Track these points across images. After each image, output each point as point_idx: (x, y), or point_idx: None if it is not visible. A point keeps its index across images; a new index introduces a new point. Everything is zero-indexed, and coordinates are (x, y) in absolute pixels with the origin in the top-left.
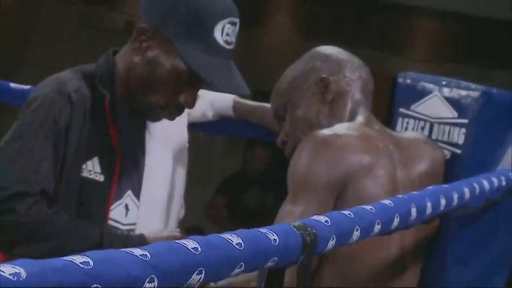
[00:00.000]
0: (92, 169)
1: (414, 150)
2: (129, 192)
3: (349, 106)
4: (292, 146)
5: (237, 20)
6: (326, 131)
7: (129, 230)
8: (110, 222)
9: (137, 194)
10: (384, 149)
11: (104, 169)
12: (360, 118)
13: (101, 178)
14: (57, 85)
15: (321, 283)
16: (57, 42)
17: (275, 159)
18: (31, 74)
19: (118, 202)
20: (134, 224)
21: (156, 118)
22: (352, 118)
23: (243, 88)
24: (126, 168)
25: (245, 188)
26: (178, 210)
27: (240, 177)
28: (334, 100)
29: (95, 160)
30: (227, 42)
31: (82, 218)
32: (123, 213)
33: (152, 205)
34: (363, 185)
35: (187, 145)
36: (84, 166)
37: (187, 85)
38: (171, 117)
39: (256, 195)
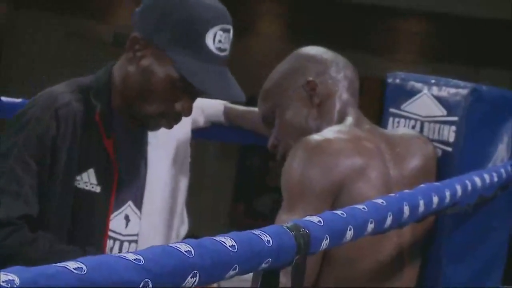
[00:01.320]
0: (88, 180)
1: (406, 147)
2: (130, 202)
3: (337, 107)
4: (283, 150)
5: (229, 27)
6: (316, 137)
7: (129, 241)
8: (109, 233)
9: (138, 204)
10: (376, 149)
11: (101, 180)
12: (349, 119)
13: (97, 189)
14: (47, 100)
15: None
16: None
17: None
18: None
19: (117, 212)
20: (135, 235)
21: (155, 127)
22: (341, 119)
23: (238, 94)
24: (126, 178)
25: (263, 194)
26: (178, 225)
27: (257, 184)
28: (322, 102)
29: (91, 171)
30: (220, 49)
31: (81, 229)
32: (123, 224)
33: (154, 216)
34: (357, 188)
35: (189, 158)
36: (79, 178)
37: (182, 93)
38: (169, 126)
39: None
